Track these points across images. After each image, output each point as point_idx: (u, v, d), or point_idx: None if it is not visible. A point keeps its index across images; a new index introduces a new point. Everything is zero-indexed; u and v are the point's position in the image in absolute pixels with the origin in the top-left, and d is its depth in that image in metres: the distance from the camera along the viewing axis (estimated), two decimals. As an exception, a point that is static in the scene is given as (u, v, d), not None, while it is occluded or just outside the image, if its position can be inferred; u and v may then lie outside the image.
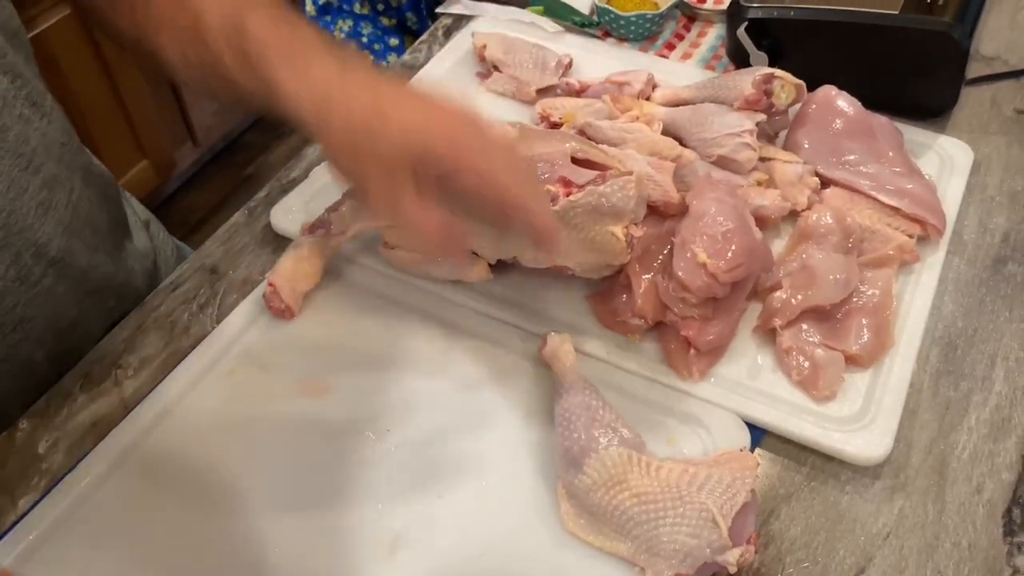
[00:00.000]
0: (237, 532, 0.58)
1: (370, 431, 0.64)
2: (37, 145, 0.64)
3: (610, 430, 0.59)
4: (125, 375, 0.69)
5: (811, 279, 0.70)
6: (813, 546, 0.59)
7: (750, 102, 0.78)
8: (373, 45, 1.46)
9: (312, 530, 0.59)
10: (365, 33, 1.47)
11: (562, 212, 0.64)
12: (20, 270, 0.64)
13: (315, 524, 0.59)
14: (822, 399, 0.65)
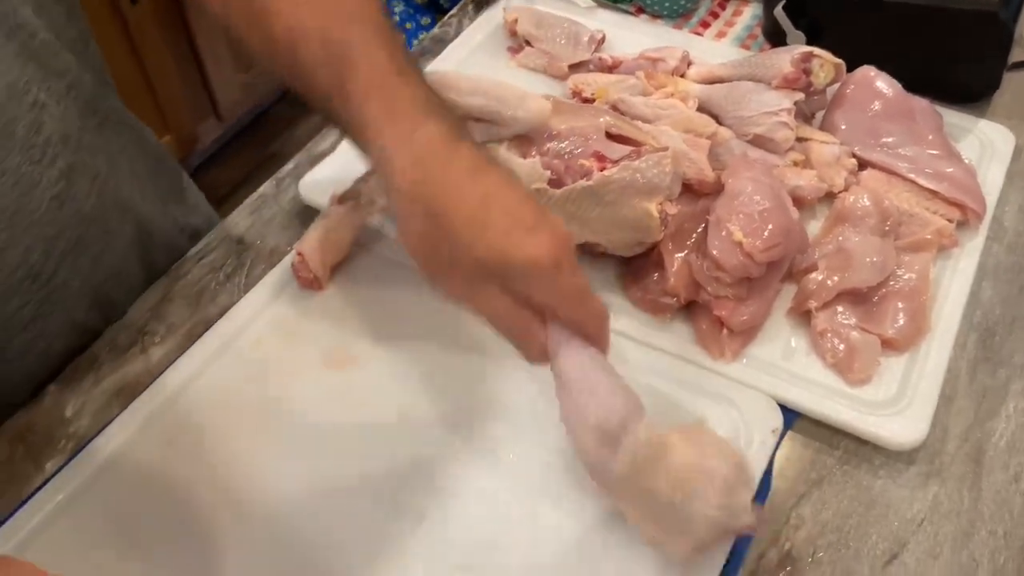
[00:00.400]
0: (257, 503, 0.58)
1: (396, 404, 0.63)
2: (52, 134, 0.61)
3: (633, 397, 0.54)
4: (152, 342, 0.69)
5: (847, 261, 0.69)
6: (845, 530, 0.58)
7: (788, 80, 0.77)
8: (405, 24, 1.45)
9: (333, 503, 0.58)
10: (397, 12, 1.46)
11: (595, 187, 0.63)
12: (31, 268, 0.62)
13: (337, 498, 0.58)
14: (857, 382, 0.64)
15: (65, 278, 0.65)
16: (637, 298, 0.69)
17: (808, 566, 0.56)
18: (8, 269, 0.60)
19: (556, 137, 0.67)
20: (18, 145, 0.59)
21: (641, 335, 0.67)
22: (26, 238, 0.61)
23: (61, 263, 0.64)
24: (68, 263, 0.65)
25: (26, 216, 0.60)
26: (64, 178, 0.62)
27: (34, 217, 0.61)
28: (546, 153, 0.66)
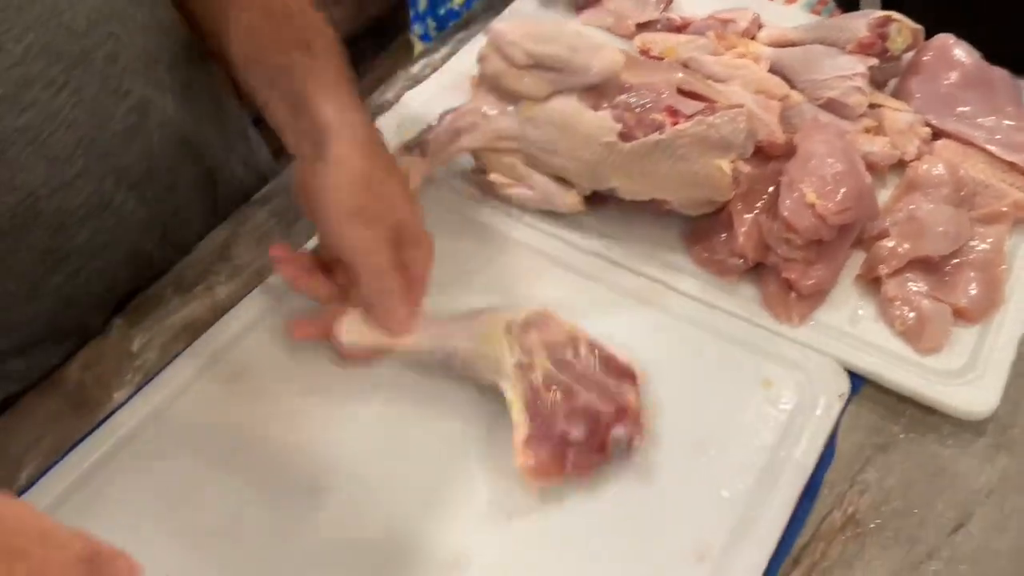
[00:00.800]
0: (313, 443, 0.59)
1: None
2: (127, 65, 0.63)
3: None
4: (217, 281, 0.69)
5: (920, 229, 0.67)
6: (910, 497, 0.57)
7: (864, 45, 0.75)
8: None
9: (404, 446, 0.59)
10: None
11: (668, 141, 0.63)
12: (103, 196, 0.63)
13: (394, 447, 0.59)
14: (926, 351, 0.62)
15: (133, 209, 0.66)
16: (703, 259, 0.68)
17: (871, 531, 0.55)
18: (82, 196, 0.61)
19: (628, 90, 0.66)
20: (96, 74, 0.60)
21: (706, 296, 0.66)
22: (100, 167, 0.62)
23: (130, 194, 0.65)
24: (136, 194, 0.66)
25: (101, 146, 0.61)
26: (136, 111, 0.64)
27: (108, 147, 0.62)
28: (617, 106, 0.65)
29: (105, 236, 0.65)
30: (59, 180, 0.59)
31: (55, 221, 0.60)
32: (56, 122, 0.58)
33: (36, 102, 0.56)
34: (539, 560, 0.53)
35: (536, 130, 0.66)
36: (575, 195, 0.69)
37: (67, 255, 0.63)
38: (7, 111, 0.55)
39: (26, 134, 0.56)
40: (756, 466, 0.57)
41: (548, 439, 0.55)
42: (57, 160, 0.59)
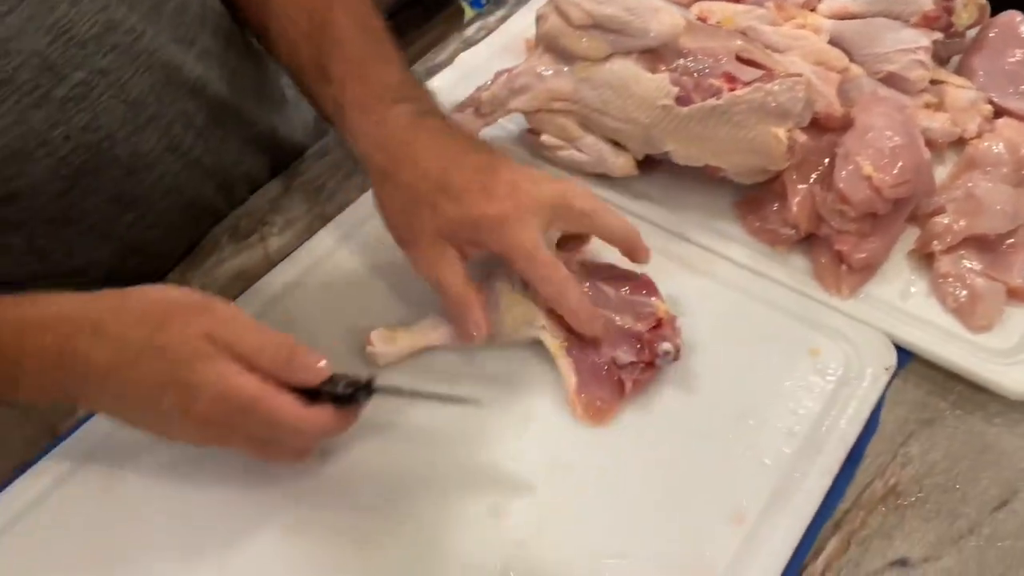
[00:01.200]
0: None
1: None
2: (194, 17, 0.65)
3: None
4: (271, 232, 0.71)
5: (977, 207, 0.66)
6: (954, 472, 0.57)
7: (928, 19, 0.74)
8: None
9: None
10: None
11: (725, 106, 0.62)
12: (171, 140, 0.65)
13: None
14: (977, 329, 0.62)
15: (199, 156, 0.68)
16: (754, 228, 0.68)
17: (912, 503, 0.55)
18: (154, 138, 0.64)
19: (686, 55, 0.65)
20: (167, 24, 0.62)
21: (756, 265, 0.66)
22: (170, 112, 0.64)
23: (196, 140, 0.67)
24: (202, 141, 0.68)
25: (172, 91, 0.63)
26: (203, 61, 0.65)
27: (179, 94, 0.64)
28: (675, 70, 0.65)
29: (170, 180, 0.67)
30: (133, 124, 0.61)
31: (128, 164, 0.63)
32: (134, 67, 0.60)
33: (118, 45, 0.59)
34: (580, 514, 0.54)
35: (592, 91, 0.66)
36: (628, 158, 0.69)
37: (135, 199, 0.65)
38: (93, 52, 0.57)
39: (108, 76, 0.59)
40: (799, 434, 0.57)
41: (598, 375, 0.57)
42: (134, 104, 0.61)
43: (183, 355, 0.46)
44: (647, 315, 0.59)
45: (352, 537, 0.53)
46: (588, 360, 0.58)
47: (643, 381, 0.58)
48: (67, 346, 0.47)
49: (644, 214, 0.69)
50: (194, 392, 0.46)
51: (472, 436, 0.57)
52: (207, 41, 0.66)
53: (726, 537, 0.53)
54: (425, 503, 0.54)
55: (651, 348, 0.57)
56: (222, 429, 0.48)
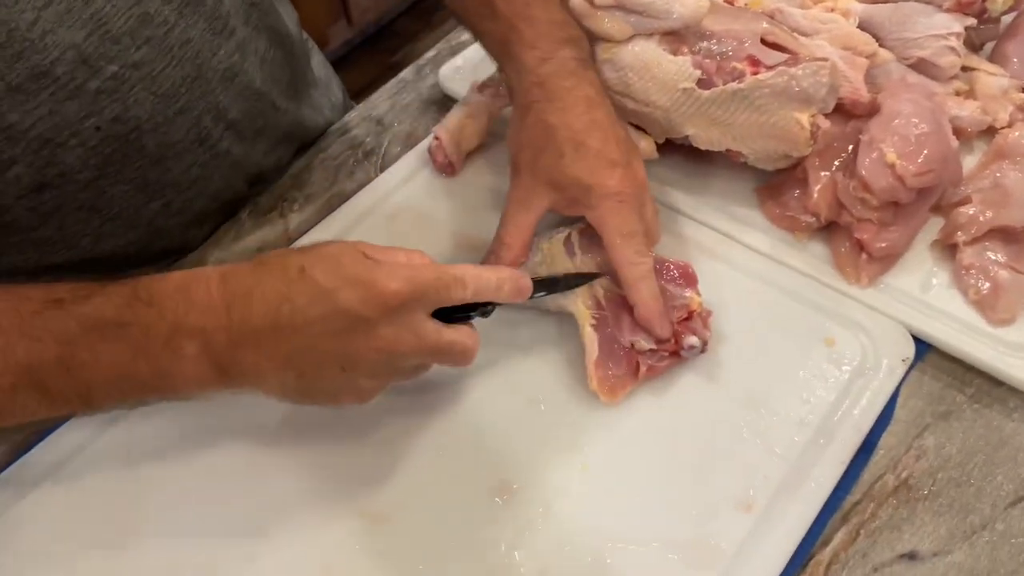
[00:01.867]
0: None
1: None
2: (231, 8, 0.65)
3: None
4: (291, 208, 0.71)
5: (1004, 198, 0.65)
6: (969, 467, 0.56)
7: (962, 4, 0.72)
8: None
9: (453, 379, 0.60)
10: None
11: (747, 90, 0.62)
12: (200, 132, 0.65)
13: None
14: (999, 322, 0.61)
15: (228, 147, 0.68)
16: (774, 214, 0.67)
17: (925, 497, 0.55)
18: (183, 129, 0.64)
19: (709, 37, 0.64)
20: (204, 15, 0.62)
21: (775, 252, 0.65)
22: (200, 104, 0.64)
23: (226, 132, 0.67)
24: (232, 133, 0.68)
25: (203, 83, 0.64)
26: (238, 51, 0.66)
27: (210, 86, 0.64)
28: (697, 52, 0.64)
29: (198, 171, 0.67)
30: (163, 115, 0.62)
31: (156, 154, 0.63)
32: (167, 59, 0.60)
33: (151, 39, 0.59)
34: (589, 497, 0.54)
35: (614, 72, 0.66)
36: (650, 141, 0.69)
37: (163, 188, 0.65)
38: (127, 47, 0.57)
39: (140, 69, 0.59)
40: (812, 424, 0.56)
41: (617, 353, 0.58)
42: (164, 96, 0.61)
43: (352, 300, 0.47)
44: (680, 307, 0.58)
45: (359, 514, 0.54)
46: (611, 337, 0.59)
47: (661, 368, 0.58)
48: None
49: (663, 199, 0.69)
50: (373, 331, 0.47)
51: (481, 415, 0.58)
52: (242, 31, 0.66)
53: (734, 524, 0.53)
54: (432, 482, 0.55)
55: (678, 339, 0.57)
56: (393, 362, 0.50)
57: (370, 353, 0.48)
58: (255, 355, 0.47)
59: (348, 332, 0.47)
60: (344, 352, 0.48)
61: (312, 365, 0.48)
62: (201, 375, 0.48)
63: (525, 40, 0.60)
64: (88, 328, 0.47)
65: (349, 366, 0.49)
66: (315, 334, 0.47)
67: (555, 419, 0.57)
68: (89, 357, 0.47)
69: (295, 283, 0.47)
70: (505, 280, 0.53)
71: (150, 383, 0.48)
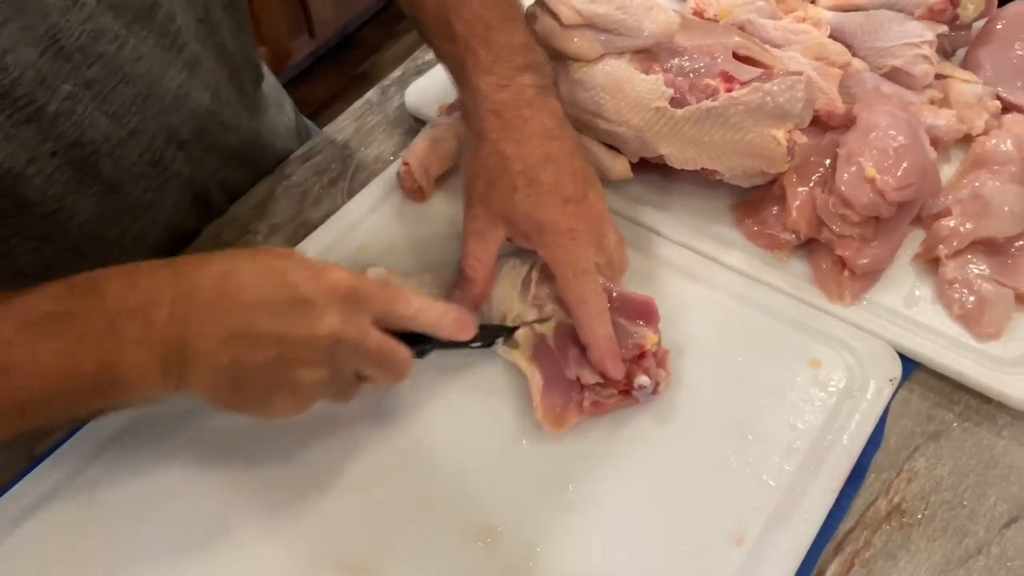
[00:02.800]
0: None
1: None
2: (182, 24, 0.62)
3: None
4: (254, 240, 0.69)
5: (984, 209, 0.64)
6: (961, 488, 0.55)
7: (934, 12, 0.71)
8: None
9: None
10: None
11: (721, 108, 0.60)
12: (154, 154, 0.63)
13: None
14: (985, 336, 0.60)
15: (179, 168, 0.66)
16: (752, 232, 0.66)
17: (919, 521, 0.53)
18: (137, 151, 0.61)
19: (681, 54, 0.63)
20: (155, 31, 0.60)
21: (754, 271, 0.64)
22: (153, 124, 0.62)
23: (179, 153, 0.65)
24: (184, 154, 0.66)
25: (155, 102, 0.61)
26: (187, 69, 0.63)
27: (162, 105, 0.62)
28: (669, 70, 0.62)
29: (152, 195, 0.65)
30: (117, 137, 0.59)
31: (113, 179, 0.60)
32: (118, 77, 0.58)
33: (103, 55, 0.56)
34: (575, 537, 0.52)
35: (585, 92, 0.64)
36: (624, 161, 0.67)
37: (119, 215, 0.63)
38: (79, 64, 0.55)
39: (92, 88, 0.56)
40: (800, 449, 0.55)
41: (561, 385, 0.56)
42: (117, 115, 0.58)
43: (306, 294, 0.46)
44: (632, 345, 0.55)
45: (337, 564, 0.51)
46: (555, 369, 0.57)
47: (608, 405, 0.56)
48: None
49: (639, 218, 0.67)
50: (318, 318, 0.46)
51: (460, 457, 0.55)
52: (194, 48, 0.64)
53: (726, 558, 0.51)
54: (412, 528, 0.53)
55: (629, 378, 0.55)
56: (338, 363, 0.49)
57: (312, 340, 0.46)
58: (196, 332, 0.45)
59: (291, 314, 0.46)
60: (284, 335, 0.46)
61: (249, 346, 0.46)
62: (143, 362, 0.45)
63: (482, 65, 0.58)
64: (25, 325, 0.44)
65: (287, 353, 0.46)
66: (258, 312, 0.46)
67: (538, 458, 0.55)
68: (27, 357, 0.44)
69: (245, 261, 0.47)
70: (448, 312, 0.52)
71: (93, 379, 0.45)
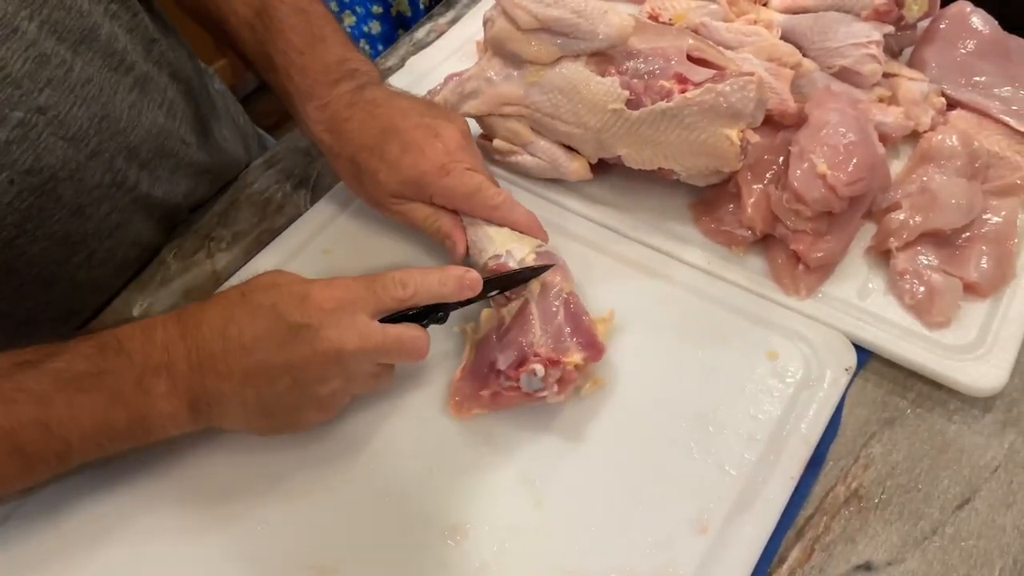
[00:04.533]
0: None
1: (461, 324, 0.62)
2: (127, 43, 0.62)
3: None
4: (218, 248, 0.69)
5: (932, 202, 0.66)
6: (915, 472, 0.56)
7: (880, 12, 0.73)
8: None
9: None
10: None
11: (675, 109, 0.61)
12: (115, 175, 0.63)
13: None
14: (935, 325, 0.62)
15: (146, 189, 0.66)
16: (710, 229, 0.67)
17: (876, 506, 0.55)
18: (98, 173, 0.61)
19: (636, 56, 0.64)
20: (100, 52, 0.60)
21: (712, 267, 0.65)
22: (111, 144, 0.62)
23: (141, 173, 0.65)
24: (147, 173, 0.66)
25: (111, 123, 0.61)
26: (137, 87, 0.63)
27: (118, 125, 0.62)
28: (625, 72, 0.64)
29: (118, 216, 0.64)
30: (76, 161, 0.59)
31: (74, 203, 0.60)
32: (71, 100, 0.58)
33: (53, 79, 0.56)
34: (542, 531, 0.53)
35: (542, 95, 0.65)
36: (582, 162, 0.68)
37: (84, 239, 0.63)
38: (29, 90, 0.55)
39: (47, 113, 0.56)
40: (760, 439, 0.56)
41: (481, 373, 0.57)
42: (74, 139, 0.58)
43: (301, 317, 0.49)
44: (555, 349, 0.55)
45: (306, 567, 0.51)
46: (483, 352, 0.57)
47: (508, 399, 0.56)
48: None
49: (599, 218, 0.68)
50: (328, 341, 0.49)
51: (429, 456, 0.56)
52: (142, 67, 0.64)
53: (690, 548, 0.52)
54: (382, 529, 0.53)
55: (518, 371, 0.54)
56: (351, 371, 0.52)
57: (317, 358, 0.49)
58: (215, 379, 0.49)
59: (292, 342, 0.49)
60: (292, 362, 0.49)
61: (266, 380, 0.49)
62: (174, 412, 0.49)
63: (302, 93, 0.63)
64: (64, 383, 0.47)
65: (300, 376, 0.50)
66: (262, 349, 0.49)
67: (505, 455, 0.56)
68: (67, 413, 0.47)
69: (237, 306, 0.50)
70: (449, 277, 0.54)
71: (128, 429, 0.49)
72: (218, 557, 0.52)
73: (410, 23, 1.42)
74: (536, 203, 0.69)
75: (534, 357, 0.55)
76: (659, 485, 0.55)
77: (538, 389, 0.54)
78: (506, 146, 0.70)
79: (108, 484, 0.54)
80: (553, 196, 0.70)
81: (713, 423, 0.57)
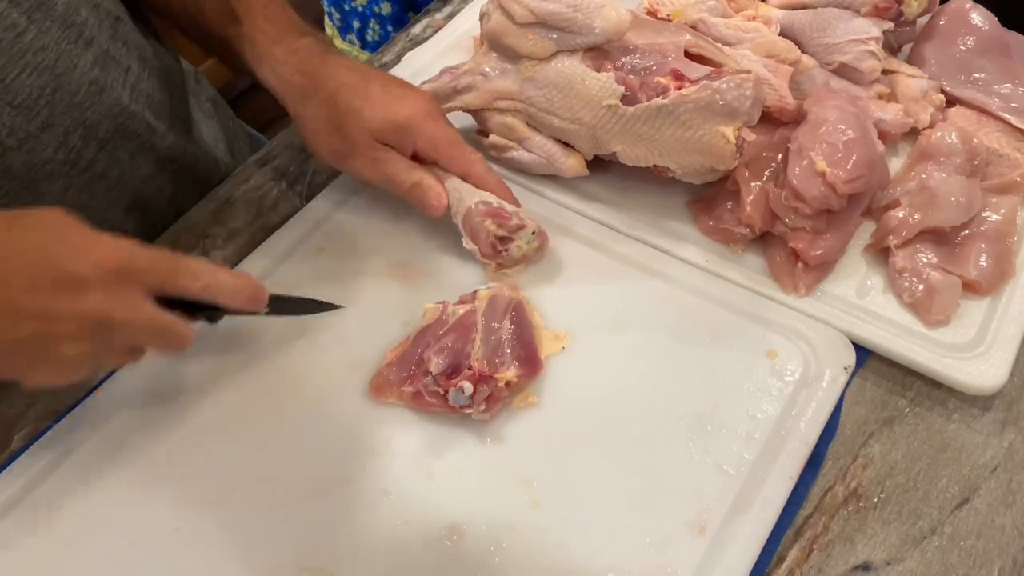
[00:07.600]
0: (313, 397, 0.58)
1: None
2: (88, 17, 0.61)
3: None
4: (213, 245, 0.68)
5: (931, 200, 0.66)
6: (915, 471, 0.56)
7: (880, 9, 0.73)
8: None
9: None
10: None
11: (671, 106, 0.61)
12: (70, 151, 0.62)
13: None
14: (934, 324, 0.61)
15: (103, 169, 0.65)
16: (708, 227, 0.67)
17: (875, 505, 0.55)
18: (51, 147, 0.60)
19: (633, 52, 0.64)
20: (58, 21, 0.59)
21: (711, 265, 0.65)
22: (65, 119, 0.60)
23: (100, 153, 0.64)
24: (106, 154, 0.64)
25: (65, 96, 0.60)
26: (98, 64, 0.62)
27: (74, 100, 0.60)
28: (621, 68, 0.63)
29: (75, 195, 0.63)
30: (25, 130, 0.58)
31: (25, 175, 0.59)
32: (20, 66, 0.57)
33: (0, 42, 0.55)
34: (539, 531, 0.52)
35: (537, 90, 0.64)
36: (579, 158, 0.68)
37: None
38: None
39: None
40: (759, 439, 0.56)
41: (409, 360, 0.57)
42: (24, 108, 0.57)
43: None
44: (490, 365, 0.55)
45: (300, 568, 0.51)
46: (418, 349, 0.57)
47: (427, 402, 0.56)
48: None
49: (596, 215, 0.68)
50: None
51: (426, 455, 0.55)
52: (105, 44, 0.63)
53: (689, 548, 0.52)
54: (378, 529, 0.52)
55: (448, 382, 0.54)
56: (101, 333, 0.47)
57: (75, 317, 0.45)
58: None
59: (54, 290, 0.44)
60: (46, 311, 0.44)
61: (6, 322, 0.44)
62: None
63: (270, 37, 0.64)
64: None
65: (49, 327, 0.45)
66: (15, 287, 0.44)
67: (501, 455, 0.56)
68: None
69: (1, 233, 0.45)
70: (244, 287, 0.52)
71: None
72: (213, 554, 0.51)
73: (421, 6, 1.39)
74: (532, 200, 0.69)
75: (467, 371, 0.54)
76: (657, 485, 0.54)
77: (464, 405, 0.54)
78: (502, 141, 0.69)
79: (100, 485, 0.54)
80: (550, 193, 0.69)
81: (711, 422, 0.57)
